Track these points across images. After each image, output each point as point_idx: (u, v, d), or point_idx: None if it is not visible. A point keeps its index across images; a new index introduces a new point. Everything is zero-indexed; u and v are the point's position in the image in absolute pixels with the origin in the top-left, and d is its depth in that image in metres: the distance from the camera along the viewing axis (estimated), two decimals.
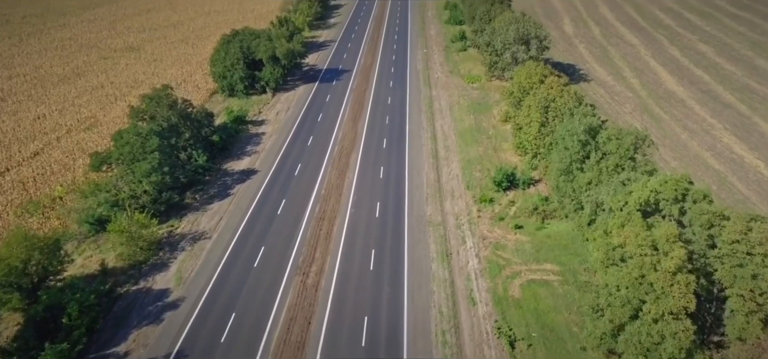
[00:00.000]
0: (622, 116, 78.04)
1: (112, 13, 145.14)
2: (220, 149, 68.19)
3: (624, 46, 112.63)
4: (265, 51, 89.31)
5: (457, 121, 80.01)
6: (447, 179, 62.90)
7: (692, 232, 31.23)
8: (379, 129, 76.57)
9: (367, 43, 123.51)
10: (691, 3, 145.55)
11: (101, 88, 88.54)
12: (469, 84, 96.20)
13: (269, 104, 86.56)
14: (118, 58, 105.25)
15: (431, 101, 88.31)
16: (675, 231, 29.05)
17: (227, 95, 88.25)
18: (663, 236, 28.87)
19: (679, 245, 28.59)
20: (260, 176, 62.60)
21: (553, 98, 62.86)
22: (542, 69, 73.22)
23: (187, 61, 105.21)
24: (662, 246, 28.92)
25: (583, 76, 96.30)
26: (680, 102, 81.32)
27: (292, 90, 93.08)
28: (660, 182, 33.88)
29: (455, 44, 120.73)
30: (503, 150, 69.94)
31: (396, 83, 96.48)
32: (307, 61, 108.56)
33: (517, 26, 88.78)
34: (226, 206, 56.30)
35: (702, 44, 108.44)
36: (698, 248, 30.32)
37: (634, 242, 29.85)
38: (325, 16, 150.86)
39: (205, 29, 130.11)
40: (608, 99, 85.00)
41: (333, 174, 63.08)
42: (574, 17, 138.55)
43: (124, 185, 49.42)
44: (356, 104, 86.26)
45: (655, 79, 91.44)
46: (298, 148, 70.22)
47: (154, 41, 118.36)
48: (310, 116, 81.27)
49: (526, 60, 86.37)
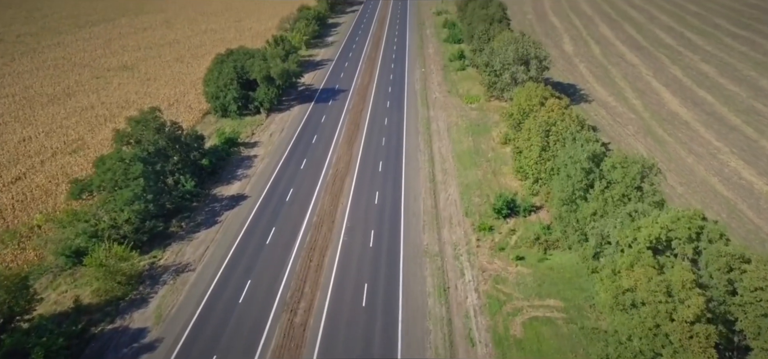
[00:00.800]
0: (624, 138, 75.88)
1: (108, 31, 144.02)
2: (209, 173, 65.85)
3: (625, 65, 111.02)
4: (259, 71, 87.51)
5: (456, 143, 77.85)
6: (445, 204, 60.45)
7: (709, 275, 28.72)
8: (375, 151, 74.35)
9: (364, 62, 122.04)
10: (691, 22, 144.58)
11: (91, 108, 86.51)
12: (468, 104, 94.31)
13: (263, 125, 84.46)
14: (111, 78, 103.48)
15: (429, 121, 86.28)
16: (691, 276, 26.54)
17: (220, 115, 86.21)
18: (678, 282, 26.36)
19: (697, 291, 26.06)
20: (250, 202, 60.13)
21: (554, 121, 60.79)
22: (542, 91, 71.32)
23: (181, 80, 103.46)
24: (678, 293, 26.40)
25: (584, 96, 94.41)
26: (684, 124, 79.23)
27: (287, 110, 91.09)
28: (672, 219, 31.45)
29: (454, 63, 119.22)
30: (503, 174, 67.62)
31: (393, 103, 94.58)
32: (303, 81, 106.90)
33: (517, 46, 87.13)
34: (212, 235, 53.74)
35: (704, 64, 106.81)
36: (717, 295, 27.79)
37: (646, 286, 27.31)
38: (322, 35, 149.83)
39: (201, 48, 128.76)
40: (610, 121, 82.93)
41: (326, 200, 60.64)
42: (573, 36, 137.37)
43: (104, 215, 46.91)
44: (352, 125, 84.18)
45: (658, 100, 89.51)
46: (290, 171, 67.88)
47: (148, 60, 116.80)
48: (304, 138, 79.10)
49: (525, 81, 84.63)
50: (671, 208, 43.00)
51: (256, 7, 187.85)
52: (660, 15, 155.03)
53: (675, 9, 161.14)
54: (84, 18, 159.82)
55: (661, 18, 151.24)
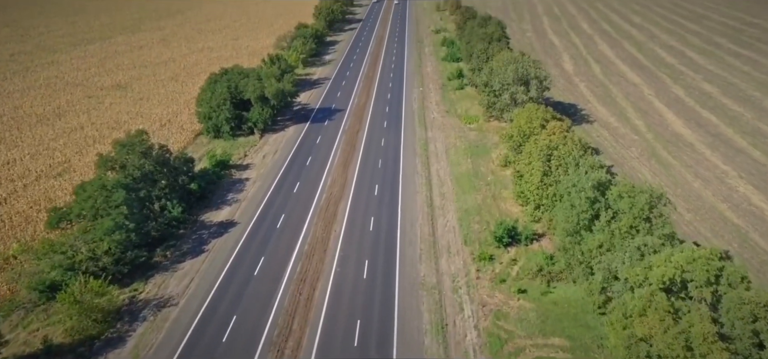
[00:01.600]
0: (628, 161, 73.67)
1: (104, 50, 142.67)
2: (198, 198, 63.38)
3: (626, 85, 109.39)
4: (253, 91, 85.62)
5: (454, 165, 75.59)
6: (443, 232, 57.93)
7: (731, 325, 26.21)
8: (371, 174, 72.03)
9: (362, 81, 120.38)
10: (691, 41, 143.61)
11: (80, 129, 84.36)
12: (467, 125, 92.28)
13: (256, 147, 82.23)
14: (103, 97, 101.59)
15: (427, 143, 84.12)
16: (712, 329, 24.06)
17: (213, 136, 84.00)
18: (699, 334, 23.84)
19: (720, 345, 23.52)
20: (239, 230, 57.58)
21: (555, 145, 58.63)
22: (543, 113, 69.36)
23: (175, 99, 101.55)
24: (699, 347, 23.86)
25: (586, 116, 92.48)
26: (689, 146, 77.10)
27: (282, 131, 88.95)
28: (687, 259, 28.99)
29: (452, 82, 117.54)
30: (503, 199, 65.23)
31: (390, 124, 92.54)
32: (299, 100, 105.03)
33: (516, 66, 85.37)
34: (198, 265, 51.10)
35: (706, 84, 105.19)
36: (742, 348, 25.27)
37: (663, 338, 24.77)
38: (320, 53, 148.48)
39: (197, 66, 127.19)
40: (613, 142, 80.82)
41: (318, 226, 58.11)
42: (573, 55, 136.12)
43: (82, 245, 44.35)
44: (348, 147, 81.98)
45: (661, 121, 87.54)
46: (282, 196, 65.45)
47: (142, 79, 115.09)
48: (298, 160, 76.82)
49: (525, 101, 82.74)
50: (680, 238, 40.61)
51: (253, 25, 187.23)
52: (660, 34, 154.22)
53: (675, 28, 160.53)
54: (80, 36, 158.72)
55: (661, 37, 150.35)
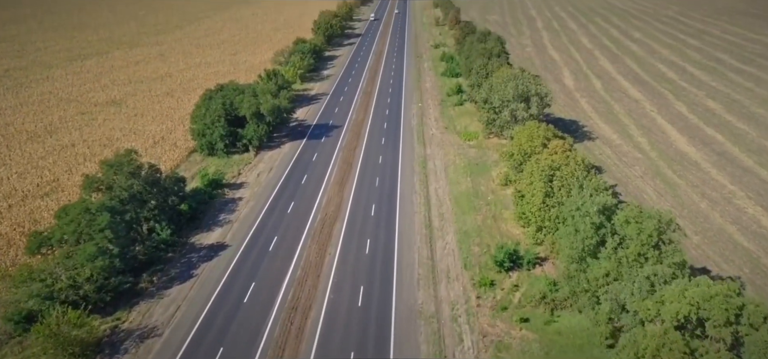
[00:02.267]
0: (632, 180, 71.72)
1: (101, 65, 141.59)
2: (188, 220, 61.32)
3: (628, 100, 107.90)
4: (248, 107, 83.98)
5: (453, 184, 73.65)
6: (442, 255, 55.78)
7: None
8: (368, 193, 70.06)
9: (360, 97, 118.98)
10: (692, 57, 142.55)
11: (72, 147, 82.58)
12: (466, 142, 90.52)
13: (251, 164, 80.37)
14: (96, 113, 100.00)
15: (425, 160, 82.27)
16: None
17: (206, 154, 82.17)
18: None
19: None
20: (230, 253, 55.43)
21: (557, 165, 56.70)
22: (545, 131, 67.53)
23: (170, 116, 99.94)
24: None
25: (587, 133, 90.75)
26: (694, 165, 75.21)
27: (277, 148, 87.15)
28: (704, 296, 26.91)
29: (451, 98, 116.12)
30: (504, 219, 63.17)
31: (388, 141, 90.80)
32: (296, 116, 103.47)
33: (516, 82, 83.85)
34: (186, 292, 48.88)
35: (710, 100, 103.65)
36: None
37: None
38: (318, 68, 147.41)
39: (193, 81, 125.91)
40: (616, 160, 78.94)
41: (312, 249, 55.98)
42: (573, 70, 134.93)
43: (62, 272, 42.22)
44: (344, 165, 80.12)
45: (665, 139, 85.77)
46: (276, 217, 63.40)
47: (138, 94, 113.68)
48: (293, 178, 74.90)
49: (526, 118, 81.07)
50: (691, 266, 38.49)
51: (252, 40, 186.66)
52: (661, 49, 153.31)
53: (675, 43, 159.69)
54: (77, 51, 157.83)
55: (662, 52, 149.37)
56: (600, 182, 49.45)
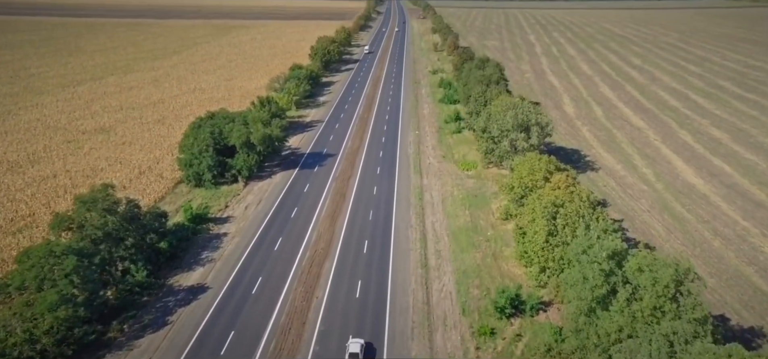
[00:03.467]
0: (638, 214, 68.18)
1: (93, 91, 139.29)
2: (168, 258, 57.47)
3: (630, 129, 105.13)
4: (238, 137, 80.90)
5: (451, 217, 70.07)
6: (438, 299, 51.86)
7: None
8: (361, 228, 66.39)
9: (356, 123, 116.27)
10: (694, 83, 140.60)
11: (53, 178, 79.19)
12: (464, 172, 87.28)
13: (239, 196, 76.86)
14: (83, 142, 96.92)
15: (422, 191, 78.85)
16: None
17: (193, 185, 78.70)
18: None
19: None
20: (210, 296, 51.49)
21: (561, 202, 53.27)
22: (546, 163, 64.33)
23: (158, 144, 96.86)
24: None
25: (590, 163, 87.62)
26: (703, 198, 71.78)
27: (268, 178, 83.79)
28: None
29: (449, 125, 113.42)
30: (504, 258, 59.43)
31: (384, 170, 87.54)
32: (290, 144, 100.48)
33: (516, 111, 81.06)
34: (158, 342, 44.82)
35: (715, 129, 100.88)
36: None
37: None
38: (314, 94, 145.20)
39: (186, 108, 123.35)
40: (620, 192, 75.57)
41: (298, 292, 52.06)
42: (574, 97, 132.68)
43: (17, 325, 38.30)
44: (337, 196, 76.64)
45: (670, 169, 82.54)
46: (262, 254, 59.61)
47: (128, 122, 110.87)
48: (282, 211, 71.31)
49: (526, 149, 78.03)
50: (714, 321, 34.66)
51: (249, 65, 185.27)
52: (662, 76, 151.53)
53: (676, 70, 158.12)
54: (71, 77, 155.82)
55: (663, 79, 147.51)
56: (607, 223, 45.89)
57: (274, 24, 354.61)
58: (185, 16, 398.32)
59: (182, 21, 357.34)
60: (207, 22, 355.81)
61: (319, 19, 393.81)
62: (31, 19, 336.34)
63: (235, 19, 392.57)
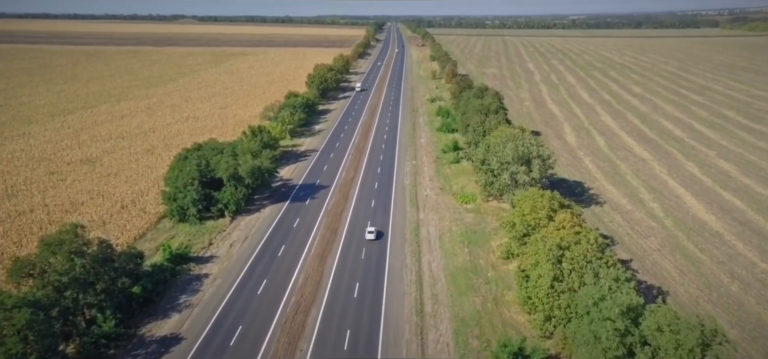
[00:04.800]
0: (648, 254, 63.93)
1: (83, 119, 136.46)
2: (142, 303, 53.06)
3: (634, 160, 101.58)
4: (225, 169, 77.26)
5: (449, 256, 65.79)
6: (434, 351, 47.31)
7: None
8: (352, 269, 62.04)
9: (351, 153, 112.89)
10: (697, 113, 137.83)
11: (30, 213, 75.23)
12: (463, 205, 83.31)
13: (225, 232, 72.72)
14: (67, 173, 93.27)
15: (418, 226, 74.75)
16: None
17: (177, 220, 74.68)
18: None
19: None
20: (184, 349, 46.88)
21: (567, 244, 49.19)
22: (549, 200, 60.39)
23: (145, 175, 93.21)
24: None
25: (594, 197, 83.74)
26: (716, 236, 67.65)
27: (257, 212, 79.79)
28: None
29: (447, 155, 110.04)
30: (506, 303, 54.97)
31: (379, 203, 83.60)
32: (282, 175, 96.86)
33: (516, 143, 77.57)
34: None
35: (723, 161, 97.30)
36: None
37: None
38: (310, 122, 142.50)
39: (178, 137, 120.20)
40: (628, 229, 71.46)
41: (281, 344, 47.46)
42: (575, 126, 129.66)
43: None
44: (328, 232, 72.49)
45: (679, 204, 78.60)
46: (244, 300, 55.16)
47: (116, 152, 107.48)
48: (269, 250, 67.08)
49: (527, 182, 74.29)
50: None
51: (245, 92, 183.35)
52: (664, 105, 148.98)
53: (678, 99, 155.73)
54: (62, 106, 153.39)
55: (665, 108, 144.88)
56: (619, 271, 41.68)
57: (272, 51, 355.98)
58: (184, 44, 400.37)
59: (181, 48, 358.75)
60: (206, 49, 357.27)
61: (319, 47, 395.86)
62: (31, 47, 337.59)
63: (234, 46, 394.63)
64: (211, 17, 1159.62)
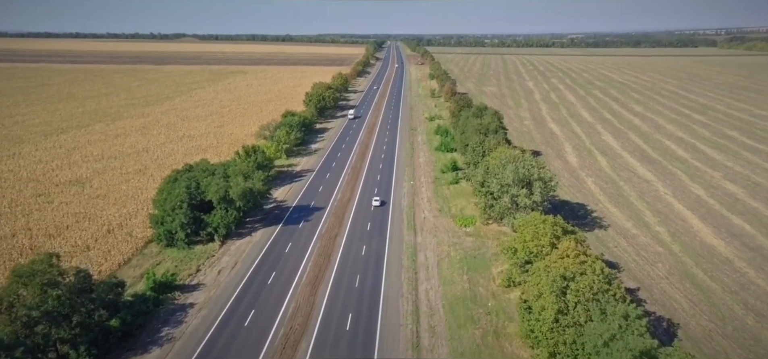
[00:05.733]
0: (656, 282, 60.92)
1: (76, 139, 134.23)
2: (121, 337, 49.97)
3: (638, 181, 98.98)
4: (216, 191, 74.60)
5: (447, 283, 62.79)
6: None
7: None
8: (345, 298, 59.00)
9: (348, 173, 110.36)
10: (700, 133, 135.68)
11: (11, 237, 72.37)
12: (462, 228, 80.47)
13: (214, 258, 69.79)
14: (55, 195, 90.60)
15: (415, 251, 71.83)
16: None
17: (165, 244, 71.78)
18: None
19: None
20: None
21: (572, 274, 46.33)
22: (552, 226, 57.65)
23: (135, 197, 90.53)
24: None
25: (597, 220, 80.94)
26: (726, 263, 64.71)
27: (248, 236, 76.95)
28: None
29: (446, 175, 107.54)
30: (507, 336, 51.87)
31: (375, 226, 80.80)
32: (275, 196, 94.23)
33: (516, 165, 75.05)
34: None
35: (729, 183, 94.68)
36: None
37: None
38: (307, 141, 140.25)
39: (171, 157, 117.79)
40: (633, 255, 68.52)
41: None
42: (576, 145, 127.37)
43: None
44: (321, 258, 69.55)
45: (686, 228, 75.78)
46: (230, 332, 52.05)
47: (107, 172, 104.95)
48: (259, 277, 64.08)
49: (528, 206, 71.63)
50: None
51: (242, 111, 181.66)
52: (666, 124, 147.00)
53: (680, 118, 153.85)
54: (56, 125, 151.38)
55: (667, 127, 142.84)
56: (630, 308, 38.73)
57: (272, 69, 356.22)
58: (184, 62, 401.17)
59: (180, 66, 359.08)
60: (204, 67, 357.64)
61: (318, 65, 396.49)
62: (30, 66, 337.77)
63: (234, 64, 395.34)
64: (213, 36, 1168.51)
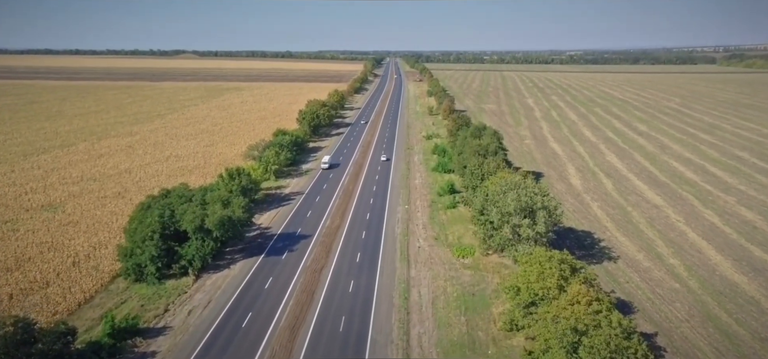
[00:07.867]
0: (676, 325, 54.51)
1: (57, 159, 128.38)
2: None
3: (646, 206, 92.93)
4: (191, 220, 68.40)
5: (443, 326, 56.39)
6: None
7: None
8: (327, 346, 52.52)
9: (339, 196, 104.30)
10: (708, 153, 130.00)
11: None
12: (459, 259, 74.23)
13: (186, 294, 63.35)
14: (22, 222, 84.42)
15: (408, 287, 65.50)
16: None
17: (133, 279, 65.41)
18: None
19: None
20: None
21: (584, 328, 40.05)
22: (559, 265, 51.44)
23: (109, 224, 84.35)
24: None
25: (606, 251, 74.73)
26: (752, 303, 58.37)
27: (226, 269, 70.59)
28: None
29: (443, 198, 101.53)
30: None
31: (365, 257, 74.53)
32: (260, 223, 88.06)
33: (518, 193, 69.06)
34: None
35: (744, 209, 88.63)
36: None
37: None
38: (298, 161, 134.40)
39: (154, 178, 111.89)
40: (647, 291, 62.18)
41: None
42: (580, 167, 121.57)
43: None
44: (304, 295, 63.16)
45: (703, 261, 69.55)
46: None
47: (83, 196, 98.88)
48: (234, 318, 57.62)
49: (531, 237, 65.48)
50: None
51: (234, 129, 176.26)
52: (672, 144, 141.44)
53: (687, 138, 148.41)
54: (39, 144, 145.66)
55: (673, 147, 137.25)
56: None
57: (268, 86, 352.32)
58: (180, 78, 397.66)
59: (176, 83, 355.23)
60: (200, 84, 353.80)
61: (316, 82, 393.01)
62: (22, 83, 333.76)
63: (230, 81, 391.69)
64: (212, 52, 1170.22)
